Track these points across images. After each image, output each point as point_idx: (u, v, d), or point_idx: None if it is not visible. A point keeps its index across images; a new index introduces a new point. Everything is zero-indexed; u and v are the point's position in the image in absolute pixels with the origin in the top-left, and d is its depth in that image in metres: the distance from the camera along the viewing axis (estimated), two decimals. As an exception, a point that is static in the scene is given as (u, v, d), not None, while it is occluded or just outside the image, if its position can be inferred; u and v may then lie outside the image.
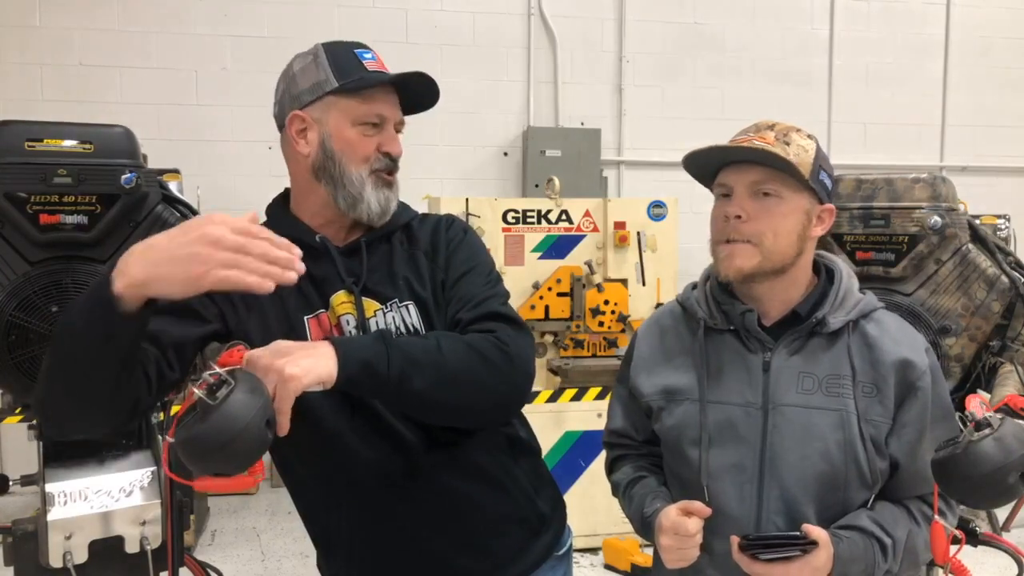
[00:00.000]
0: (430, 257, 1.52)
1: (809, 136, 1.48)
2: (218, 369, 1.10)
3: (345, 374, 1.24)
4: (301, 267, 1.16)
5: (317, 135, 1.46)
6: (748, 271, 1.46)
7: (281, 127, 1.51)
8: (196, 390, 1.09)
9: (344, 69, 1.45)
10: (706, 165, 1.52)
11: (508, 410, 1.51)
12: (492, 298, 1.48)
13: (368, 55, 1.48)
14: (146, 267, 1.14)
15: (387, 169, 1.50)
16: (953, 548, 1.41)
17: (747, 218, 1.45)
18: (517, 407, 1.53)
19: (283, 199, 1.58)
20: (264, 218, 1.57)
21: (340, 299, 1.46)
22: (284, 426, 1.17)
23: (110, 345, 1.17)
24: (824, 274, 1.55)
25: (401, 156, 1.52)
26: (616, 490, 1.69)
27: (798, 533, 1.38)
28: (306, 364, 1.20)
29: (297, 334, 1.39)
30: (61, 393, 1.23)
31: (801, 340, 1.49)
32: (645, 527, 1.55)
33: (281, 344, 1.23)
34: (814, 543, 1.36)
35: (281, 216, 1.54)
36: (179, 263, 1.12)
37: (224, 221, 1.13)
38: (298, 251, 1.17)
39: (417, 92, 1.53)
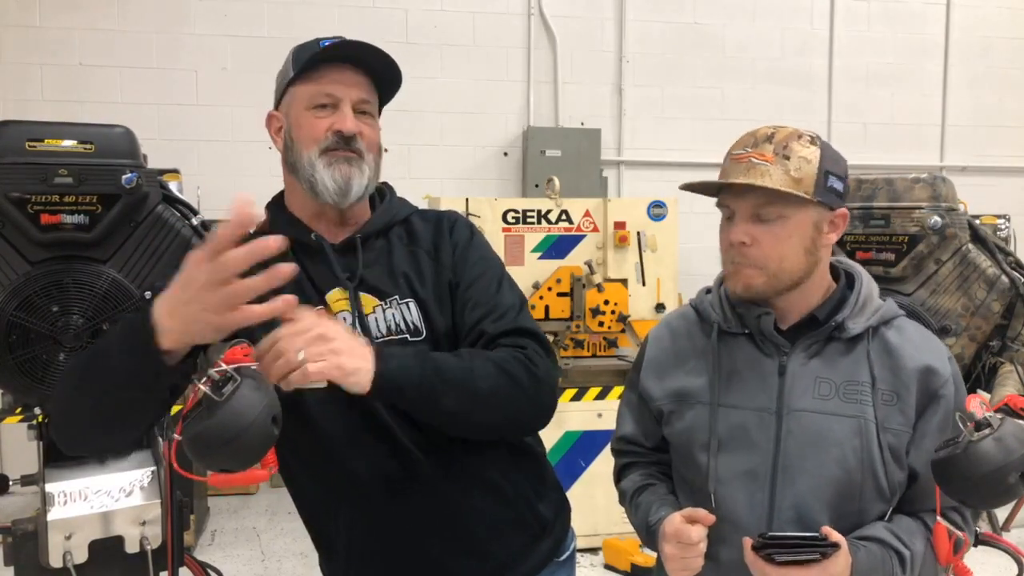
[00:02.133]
0: (433, 256, 1.50)
1: (812, 141, 1.40)
2: (224, 365, 1.10)
3: (376, 383, 1.24)
4: (286, 268, 1.10)
5: (284, 128, 1.47)
6: (757, 289, 1.43)
7: None
8: (201, 386, 1.09)
9: (301, 59, 1.44)
10: (710, 185, 1.48)
11: (532, 429, 1.52)
12: (513, 308, 1.47)
13: (328, 42, 1.45)
14: (182, 324, 1.11)
15: (337, 147, 1.43)
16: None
17: (751, 243, 1.40)
18: (540, 426, 1.50)
19: (280, 197, 1.57)
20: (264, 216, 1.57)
21: (335, 296, 1.45)
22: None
23: (156, 385, 1.18)
24: (843, 279, 1.51)
25: (355, 133, 1.43)
26: (623, 498, 1.65)
27: (817, 534, 1.32)
28: (349, 365, 1.21)
29: None
30: (86, 413, 1.24)
31: (819, 344, 1.45)
32: (650, 535, 1.52)
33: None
34: (835, 546, 1.31)
35: (278, 215, 1.53)
36: (198, 319, 1.10)
37: (197, 259, 1.08)
38: (274, 242, 1.09)
39: (378, 69, 1.47)
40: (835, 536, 1.32)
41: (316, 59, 1.43)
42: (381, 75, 1.48)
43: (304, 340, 1.17)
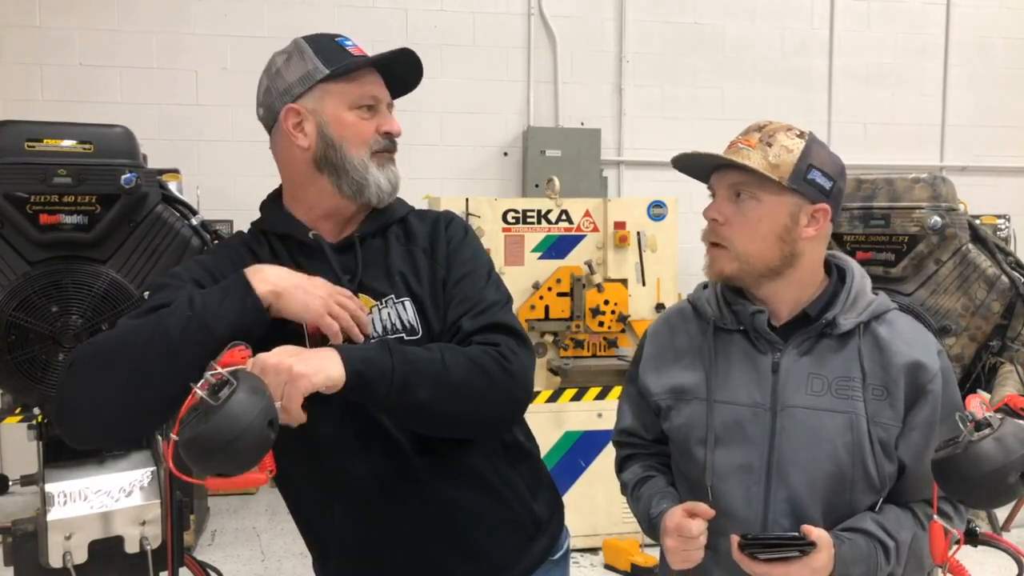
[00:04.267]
0: (429, 255, 1.51)
1: (801, 135, 1.46)
2: (220, 369, 1.10)
3: (351, 378, 1.24)
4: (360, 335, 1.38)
5: (314, 125, 1.44)
6: (729, 274, 1.47)
7: (270, 126, 1.50)
8: (198, 390, 1.08)
9: (330, 57, 1.44)
10: (701, 167, 1.53)
11: (504, 424, 1.51)
12: (495, 305, 1.46)
13: (349, 43, 1.48)
14: (286, 281, 1.32)
15: (386, 149, 1.49)
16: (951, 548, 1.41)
17: (723, 221, 1.46)
18: (513, 421, 1.53)
19: (277, 195, 1.56)
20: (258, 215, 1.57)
21: None
22: (296, 418, 1.20)
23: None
24: (836, 275, 1.53)
25: (400, 135, 1.51)
26: (624, 490, 1.68)
27: (797, 534, 1.37)
28: (316, 364, 1.21)
29: (296, 331, 1.38)
30: (116, 394, 1.23)
31: (811, 341, 1.47)
32: (652, 527, 1.55)
33: (288, 347, 1.24)
34: (812, 544, 1.35)
35: (275, 213, 1.53)
36: (309, 295, 1.32)
37: (336, 288, 1.38)
38: (366, 320, 1.39)
39: (401, 73, 1.51)
40: (814, 534, 1.36)
41: (361, 63, 1.45)
42: (407, 86, 1.54)
43: (271, 382, 1.17)
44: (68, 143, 2.09)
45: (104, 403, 1.24)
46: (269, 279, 1.30)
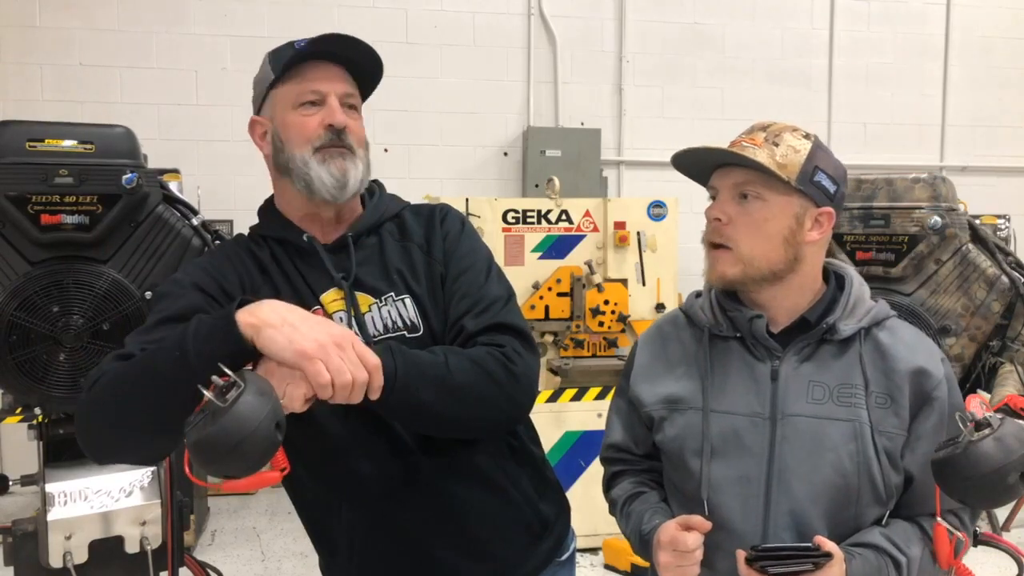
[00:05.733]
0: (425, 250, 1.50)
1: (807, 136, 1.42)
2: (227, 371, 1.10)
3: None
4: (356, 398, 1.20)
5: (270, 132, 1.47)
6: (731, 277, 1.42)
7: None
8: (206, 392, 1.08)
9: (280, 61, 1.44)
10: (701, 166, 1.49)
11: (507, 426, 1.51)
12: (498, 302, 1.45)
13: (302, 43, 1.45)
14: (274, 314, 1.18)
15: (331, 143, 1.43)
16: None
17: (727, 221, 1.41)
18: (517, 423, 1.53)
19: (272, 200, 1.57)
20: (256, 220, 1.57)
21: (331, 297, 1.44)
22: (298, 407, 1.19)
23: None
24: (834, 281, 1.49)
25: (346, 126, 1.44)
26: (613, 508, 1.61)
27: (810, 544, 1.31)
28: None
29: None
30: (135, 421, 1.23)
31: (811, 347, 1.43)
32: (643, 545, 1.48)
33: None
34: (828, 555, 1.29)
35: (271, 218, 1.53)
36: (298, 333, 1.16)
37: (354, 341, 1.21)
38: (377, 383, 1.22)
39: (355, 59, 1.47)
40: (828, 546, 1.31)
41: (299, 57, 1.42)
42: (363, 67, 1.49)
43: (275, 384, 1.16)
44: (69, 143, 2.09)
45: (115, 438, 1.28)
46: (256, 311, 1.19)
